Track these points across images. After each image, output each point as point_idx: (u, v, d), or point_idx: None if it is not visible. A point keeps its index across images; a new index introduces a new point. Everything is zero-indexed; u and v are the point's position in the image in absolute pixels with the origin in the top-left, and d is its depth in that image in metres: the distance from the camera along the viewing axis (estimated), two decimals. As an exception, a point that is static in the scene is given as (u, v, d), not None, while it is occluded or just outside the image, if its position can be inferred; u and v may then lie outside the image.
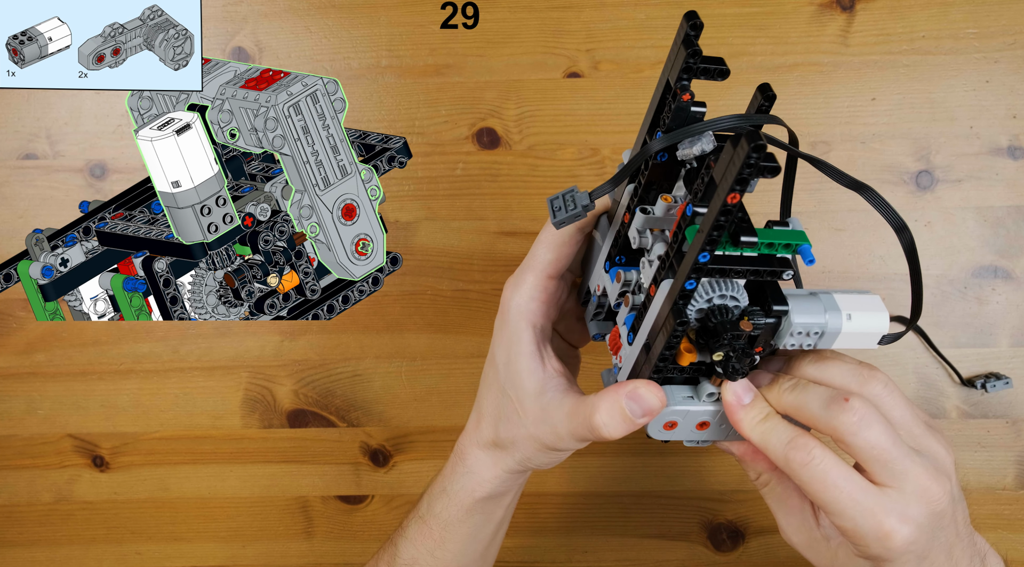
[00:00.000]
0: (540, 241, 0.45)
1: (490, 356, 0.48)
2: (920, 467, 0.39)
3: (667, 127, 0.39)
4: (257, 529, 0.72)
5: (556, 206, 0.41)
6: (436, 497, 0.50)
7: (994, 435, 0.67)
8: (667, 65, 0.39)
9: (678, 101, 0.38)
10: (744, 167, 0.32)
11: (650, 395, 0.41)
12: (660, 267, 0.39)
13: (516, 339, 0.45)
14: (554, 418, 0.44)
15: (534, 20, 0.67)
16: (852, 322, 0.40)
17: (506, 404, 0.46)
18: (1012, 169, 0.66)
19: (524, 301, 0.45)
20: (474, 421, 0.49)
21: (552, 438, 0.45)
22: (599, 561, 0.71)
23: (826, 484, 0.39)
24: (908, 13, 0.65)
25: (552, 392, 0.45)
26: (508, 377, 0.46)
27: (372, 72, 0.68)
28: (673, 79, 0.38)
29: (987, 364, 0.67)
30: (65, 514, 0.72)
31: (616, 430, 0.42)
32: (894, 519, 0.39)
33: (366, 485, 0.71)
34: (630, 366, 0.43)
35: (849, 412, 0.39)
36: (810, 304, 0.40)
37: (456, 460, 0.50)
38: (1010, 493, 0.67)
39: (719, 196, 0.34)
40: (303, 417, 0.70)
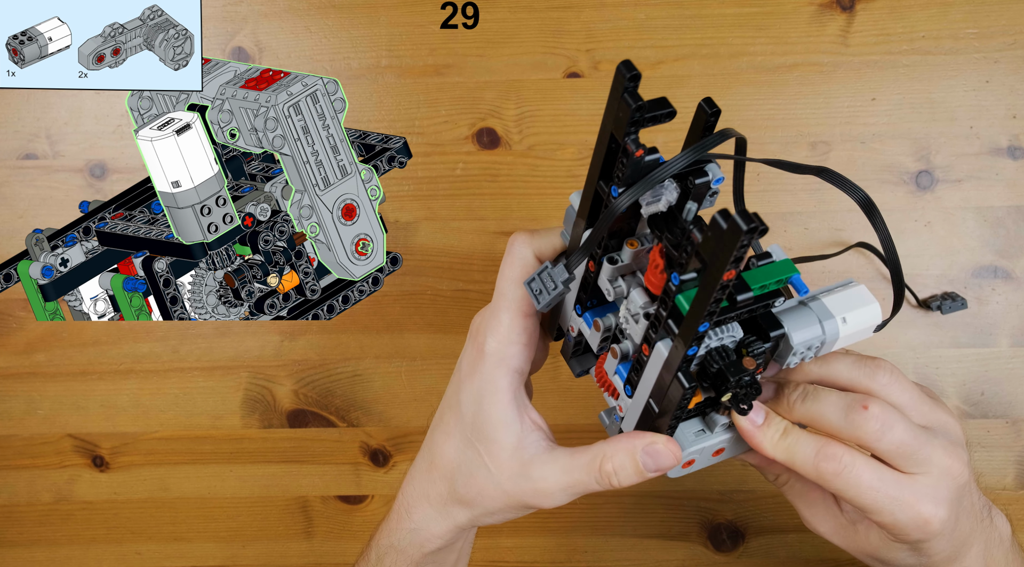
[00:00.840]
0: (506, 277, 0.42)
1: (452, 402, 0.45)
2: (941, 449, 0.40)
3: (625, 180, 0.36)
4: (257, 529, 0.72)
5: (536, 289, 0.39)
6: (384, 551, 0.48)
7: (994, 435, 0.67)
8: (608, 118, 0.35)
9: (631, 157, 0.35)
10: (740, 248, 0.31)
11: (667, 453, 0.40)
12: (651, 328, 0.38)
13: (492, 389, 0.42)
14: (541, 474, 0.42)
15: (534, 20, 0.67)
16: (848, 325, 0.40)
17: (471, 456, 0.44)
18: (1012, 169, 0.66)
19: (502, 346, 0.42)
20: (423, 469, 0.46)
21: (533, 495, 0.42)
22: (599, 561, 0.71)
23: (860, 488, 0.40)
24: (908, 13, 0.65)
25: (533, 448, 0.42)
26: (477, 428, 0.43)
27: (372, 72, 0.68)
28: (620, 135, 0.35)
29: (987, 364, 0.67)
30: (65, 514, 0.72)
31: (626, 480, 0.41)
32: (929, 505, 0.40)
33: (366, 485, 0.71)
34: (635, 418, 0.42)
35: (872, 420, 0.40)
36: (804, 318, 0.39)
37: (402, 513, 0.47)
38: (1010, 493, 0.67)
39: (713, 275, 0.32)
40: (303, 417, 0.70)
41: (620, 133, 0.35)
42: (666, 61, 0.66)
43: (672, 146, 0.45)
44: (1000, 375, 0.67)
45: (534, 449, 0.42)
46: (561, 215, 0.68)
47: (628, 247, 0.39)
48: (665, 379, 0.38)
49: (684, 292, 0.35)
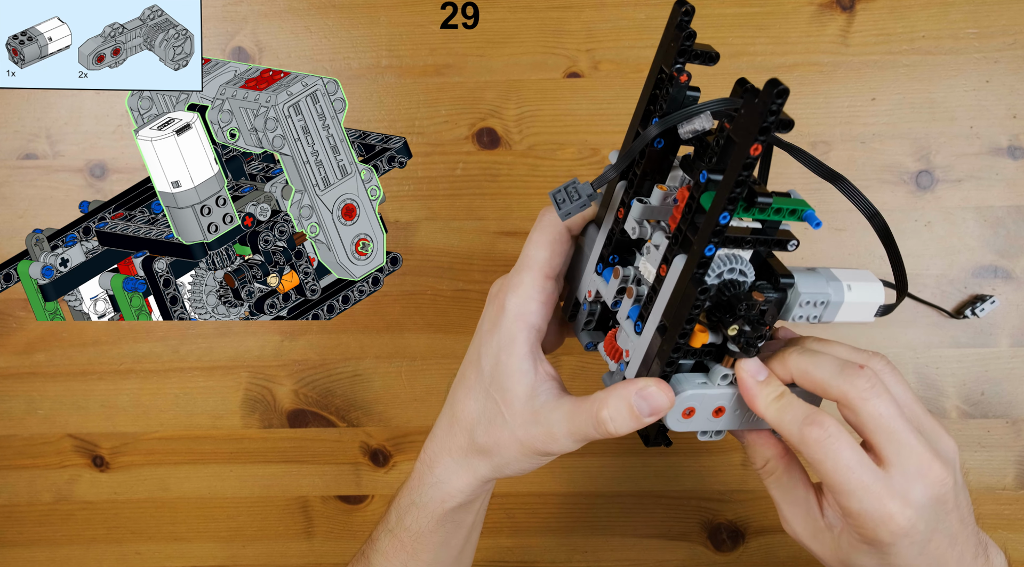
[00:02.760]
0: (533, 241, 0.45)
1: (473, 358, 0.47)
2: (922, 445, 0.40)
3: (664, 113, 0.40)
4: (257, 529, 0.72)
5: (560, 199, 0.41)
6: (405, 510, 0.49)
7: (994, 435, 0.67)
8: (659, 52, 0.39)
9: (675, 83, 0.39)
10: (768, 114, 0.33)
11: (660, 394, 0.41)
12: (671, 245, 0.40)
13: (510, 340, 0.45)
14: (549, 419, 0.44)
15: (534, 20, 0.67)
16: (852, 292, 0.41)
17: (489, 407, 0.46)
18: (1012, 169, 0.66)
19: (522, 302, 0.45)
20: (445, 425, 0.48)
21: (544, 440, 0.44)
22: (599, 561, 0.71)
23: (838, 463, 0.40)
24: (908, 13, 0.65)
25: (545, 395, 0.45)
26: (495, 379, 0.45)
27: (372, 72, 0.68)
28: (668, 64, 0.39)
29: (987, 364, 0.67)
30: (65, 514, 0.72)
31: (622, 426, 0.42)
32: (897, 501, 0.39)
33: (366, 485, 0.71)
34: (640, 357, 0.43)
35: (863, 377, 0.40)
36: (813, 277, 0.41)
37: (424, 469, 0.49)
38: (1010, 493, 0.67)
39: (741, 149, 0.35)
40: (303, 417, 0.70)
41: (669, 62, 0.39)
42: (666, 61, 0.67)
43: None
44: (1000, 375, 0.67)
45: (545, 397, 0.44)
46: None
47: (658, 189, 0.42)
48: (679, 291, 0.39)
49: (709, 191, 0.38)
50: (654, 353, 0.42)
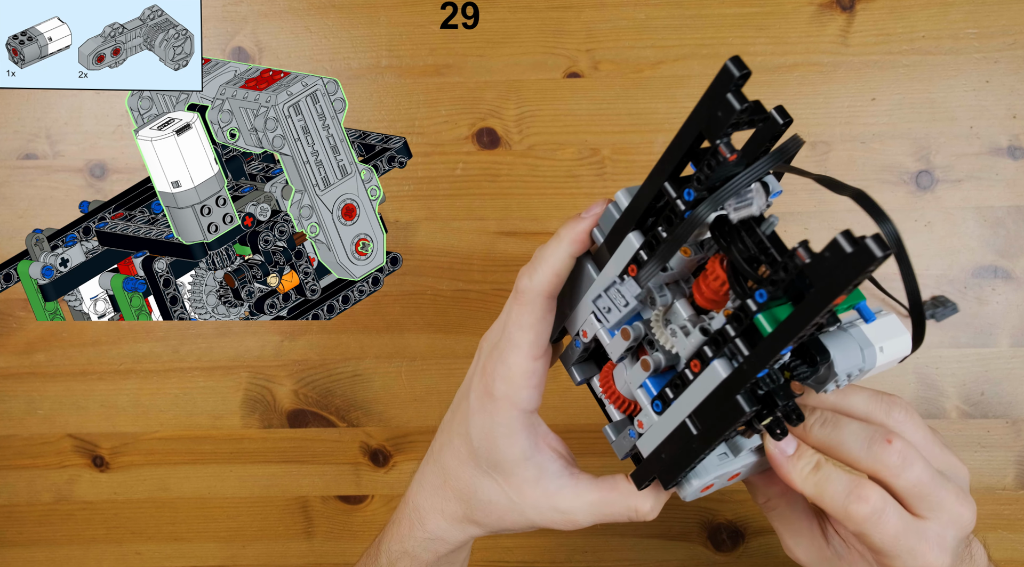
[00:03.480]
0: (515, 320, 0.42)
1: (460, 428, 0.45)
2: (952, 495, 0.40)
3: (706, 184, 0.35)
4: (257, 529, 0.72)
5: (604, 307, 0.38)
6: (397, 557, 0.48)
7: (994, 435, 0.67)
8: (699, 115, 0.34)
9: (720, 162, 0.34)
10: (863, 272, 0.30)
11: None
12: (710, 344, 0.36)
13: (506, 432, 0.42)
14: (569, 506, 0.43)
15: (534, 20, 0.67)
16: (884, 354, 0.39)
17: (489, 486, 0.44)
18: (1012, 169, 0.66)
19: (513, 390, 0.42)
20: (436, 483, 0.46)
21: (561, 523, 0.43)
22: (599, 561, 0.71)
23: (885, 535, 0.39)
24: (908, 13, 0.65)
25: (556, 479, 0.43)
26: (496, 464, 0.43)
27: (372, 72, 0.68)
28: (713, 136, 0.33)
29: (987, 364, 0.67)
30: (65, 514, 0.72)
31: (659, 511, 0.43)
32: (936, 552, 0.39)
33: (366, 485, 0.71)
34: (661, 437, 0.40)
35: (894, 454, 0.39)
36: (846, 345, 0.38)
37: (415, 522, 0.47)
38: (1010, 493, 0.67)
39: (823, 298, 0.31)
40: (303, 417, 0.70)
41: (714, 134, 0.33)
42: (666, 61, 0.66)
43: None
44: (1000, 375, 0.67)
45: (558, 480, 0.43)
46: (560, 215, 0.68)
47: (681, 254, 0.37)
48: (718, 400, 0.36)
49: (766, 311, 0.34)
50: (679, 446, 0.39)
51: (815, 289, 0.32)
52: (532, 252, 0.46)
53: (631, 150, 0.67)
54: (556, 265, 0.41)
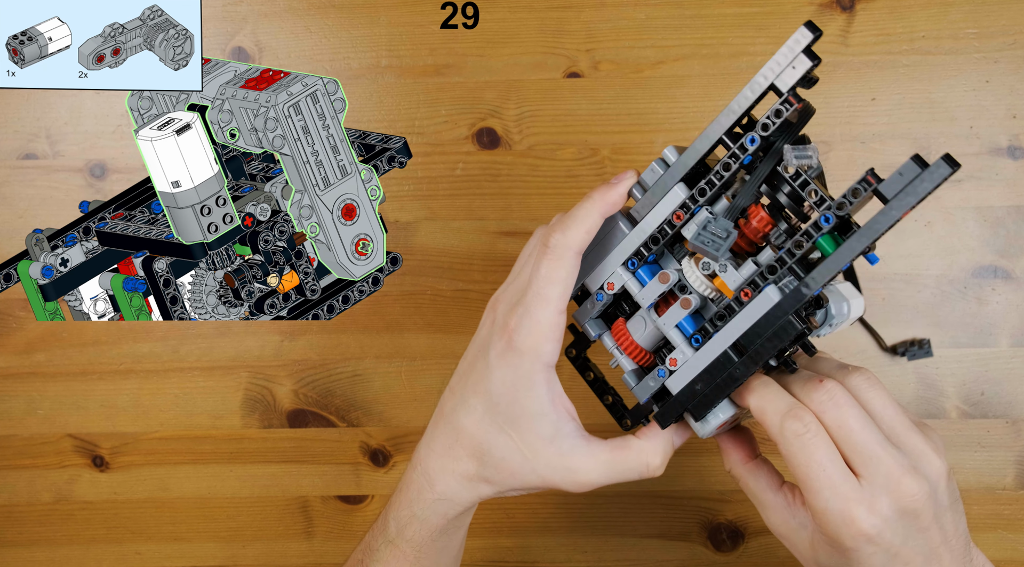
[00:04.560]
0: (544, 274, 0.43)
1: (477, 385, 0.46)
2: (893, 460, 0.40)
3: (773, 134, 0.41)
4: (257, 529, 0.72)
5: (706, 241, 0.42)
6: (406, 522, 0.48)
7: (994, 435, 0.67)
8: (773, 67, 0.41)
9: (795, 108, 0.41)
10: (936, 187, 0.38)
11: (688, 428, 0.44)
12: (763, 275, 0.41)
13: (528, 384, 0.43)
14: (581, 465, 0.44)
15: (534, 20, 0.67)
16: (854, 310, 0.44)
17: (504, 443, 0.45)
18: (1012, 169, 0.66)
19: (537, 342, 0.43)
20: (446, 443, 0.47)
21: (571, 483, 0.44)
22: (599, 561, 0.71)
23: (811, 459, 0.40)
24: (908, 13, 0.65)
25: (570, 439, 0.44)
26: (512, 418, 0.44)
27: (372, 72, 0.68)
28: (786, 86, 0.41)
29: (987, 364, 0.67)
30: (65, 514, 0.72)
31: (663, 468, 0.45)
32: (863, 508, 0.40)
33: (366, 485, 0.71)
34: (696, 372, 0.43)
35: (821, 390, 0.41)
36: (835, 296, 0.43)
37: (424, 484, 0.48)
38: (1010, 493, 0.67)
39: (894, 209, 0.38)
40: (303, 417, 0.70)
41: (787, 85, 0.41)
42: (666, 61, 0.66)
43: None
44: (1000, 375, 0.67)
45: (571, 440, 0.44)
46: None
47: (726, 201, 0.43)
48: (767, 323, 0.41)
49: (826, 237, 0.40)
50: (719, 375, 0.43)
51: (890, 203, 0.38)
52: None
53: (631, 150, 0.67)
54: (588, 223, 0.43)
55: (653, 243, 0.44)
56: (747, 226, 0.42)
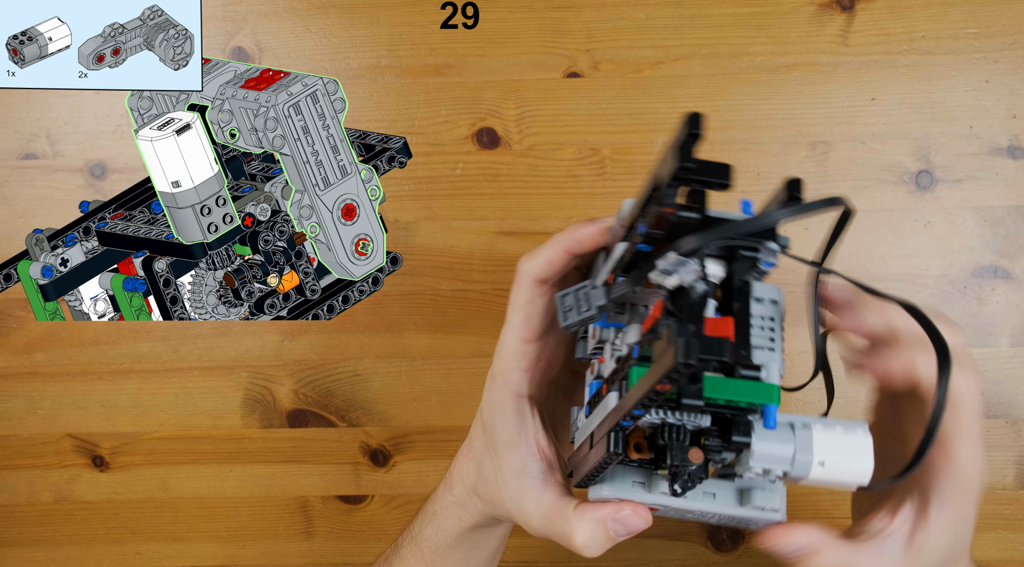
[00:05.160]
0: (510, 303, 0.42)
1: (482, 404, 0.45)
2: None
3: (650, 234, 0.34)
4: (257, 529, 0.72)
5: (567, 305, 0.36)
6: (427, 519, 0.49)
7: (994, 435, 0.67)
8: (660, 165, 0.32)
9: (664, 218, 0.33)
10: (670, 376, 0.28)
11: (637, 519, 0.39)
12: (612, 377, 0.36)
13: (499, 410, 0.42)
14: (527, 509, 0.42)
15: (534, 20, 0.67)
16: (824, 469, 0.34)
17: (488, 462, 0.45)
18: (1012, 169, 0.66)
19: (505, 370, 0.42)
20: (464, 452, 0.47)
21: (522, 522, 0.43)
22: (599, 561, 0.71)
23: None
24: (908, 13, 0.65)
25: (531, 478, 0.42)
26: (492, 442, 0.44)
27: (372, 72, 0.68)
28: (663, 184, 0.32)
29: (987, 364, 0.67)
30: (65, 514, 0.72)
31: (597, 550, 0.40)
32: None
33: (366, 485, 0.71)
34: (582, 437, 0.40)
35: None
36: (780, 441, 0.34)
37: (447, 486, 0.48)
38: (1010, 493, 0.67)
39: (650, 377, 0.30)
40: (303, 417, 0.70)
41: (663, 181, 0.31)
42: (666, 61, 0.66)
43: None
44: (1000, 375, 0.67)
45: (531, 481, 0.42)
46: (561, 214, 0.68)
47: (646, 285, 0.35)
48: (602, 430, 0.35)
49: (637, 367, 0.33)
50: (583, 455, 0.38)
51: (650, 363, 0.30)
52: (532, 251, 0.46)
53: (631, 150, 0.67)
54: (549, 253, 0.40)
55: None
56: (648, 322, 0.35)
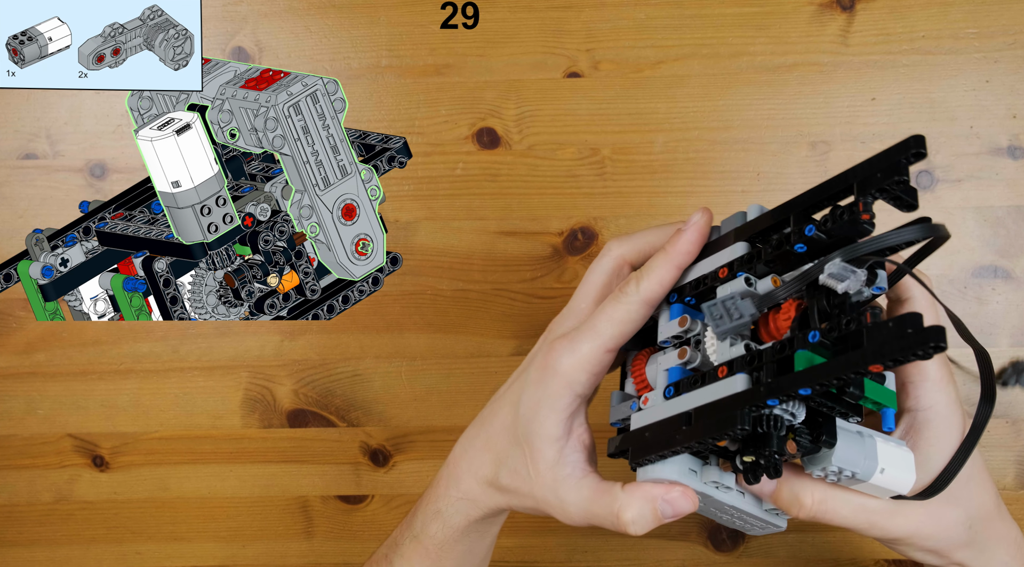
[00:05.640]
0: (606, 313, 0.43)
1: (512, 395, 0.46)
2: None
3: (829, 230, 0.37)
4: (257, 529, 0.72)
5: (717, 314, 0.39)
6: (431, 518, 0.49)
7: (994, 435, 0.67)
8: (861, 168, 0.37)
9: (855, 215, 0.36)
10: (911, 354, 0.32)
11: (685, 501, 0.41)
12: (744, 359, 0.38)
13: (551, 404, 0.43)
14: (567, 497, 0.43)
15: (534, 20, 0.67)
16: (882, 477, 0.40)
17: (516, 454, 0.45)
18: (1012, 169, 0.66)
19: (575, 370, 0.43)
20: (478, 446, 0.48)
21: (557, 512, 0.44)
22: (599, 561, 0.71)
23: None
24: (908, 13, 0.65)
25: (570, 467, 0.44)
26: (527, 433, 0.44)
27: (372, 72, 0.68)
28: (862, 190, 0.36)
29: (987, 364, 0.67)
30: (65, 514, 0.72)
31: (644, 529, 0.42)
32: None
33: (366, 485, 0.71)
34: (652, 419, 0.42)
35: None
36: (854, 446, 0.39)
37: (451, 481, 0.48)
38: (1010, 493, 0.67)
39: (864, 359, 0.33)
40: (303, 417, 0.70)
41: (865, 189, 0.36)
42: (666, 61, 0.66)
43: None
44: (1000, 375, 0.67)
45: (570, 469, 0.44)
46: (561, 214, 0.68)
47: (771, 282, 0.39)
48: (723, 408, 0.38)
49: (807, 352, 0.36)
50: (666, 431, 0.41)
51: (863, 349, 0.33)
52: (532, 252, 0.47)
53: (631, 150, 0.67)
54: (662, 274, 0.43)
55: (693, 287, 0.43)
56: (773, 318, 0.39)
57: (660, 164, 0.67)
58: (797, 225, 0.38)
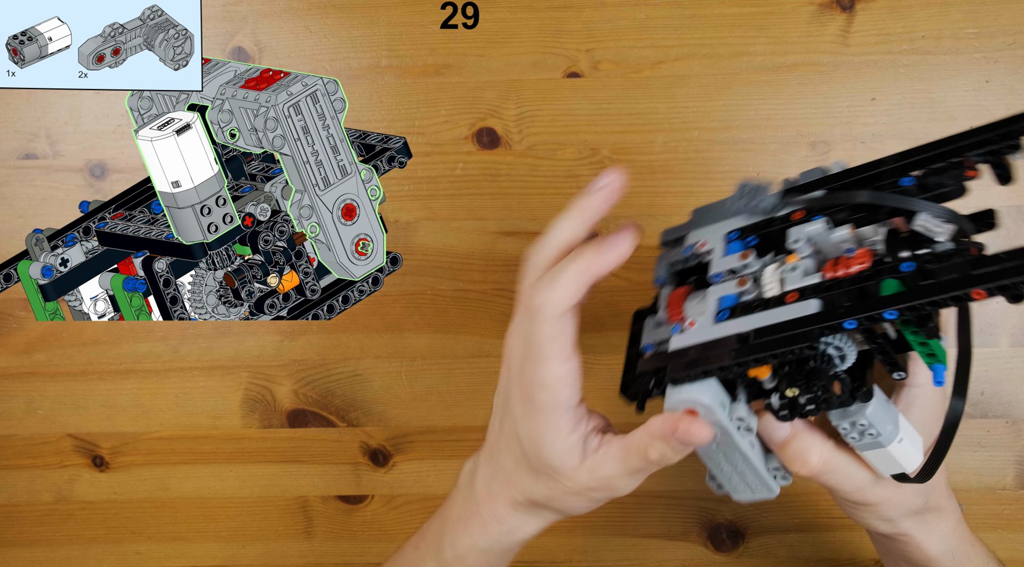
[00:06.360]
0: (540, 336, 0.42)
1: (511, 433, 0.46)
2: None
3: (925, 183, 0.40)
4: (257, 529, 0.72)
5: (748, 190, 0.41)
6: (466, 551, 0.48)
7: (994, 435, 0.67)
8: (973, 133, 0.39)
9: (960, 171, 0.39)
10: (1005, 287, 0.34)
11: (700, 432, 0.41)
12: (819, 286, 0.39)
13: (551, 433, 0.43)
14: (605, 473, 0.44)
15: (534, 20, 0.67)
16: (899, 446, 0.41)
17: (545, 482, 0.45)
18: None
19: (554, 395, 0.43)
20: (501, 484, 0.47)
21: (608, 491, 0.45)
22: (599, 561, 0.71)
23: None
24: (908, 13, 0.65)
25: (593, 452, 0.44)
26: (543, 464, 0.44)
27: (372, 72, 0.68)
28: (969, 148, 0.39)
29: (987, 364, 0.67)
30: (65, 514, 0.72)
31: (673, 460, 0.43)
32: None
33: (366, 485, 0.71)
34: (698, 340, 0.42)
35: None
36: (885, 409, 0.41)
37: (490, 519, 0.48)
38: (1010, 493, 0.67)
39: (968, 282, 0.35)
40: (303, 417, 0.70)
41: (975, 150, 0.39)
42: (666, 61, 0.66)
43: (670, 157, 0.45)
44: (1000, 375, 0.67)
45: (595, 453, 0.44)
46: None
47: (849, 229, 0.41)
48: (790, 327, 0.38)
49: (894, 280, 0.37)
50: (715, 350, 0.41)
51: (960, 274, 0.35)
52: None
53: (631, 150, 0.67)
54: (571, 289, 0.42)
55: (761, 228, 0.43)
56: (845, 261, 0.40)
57: (660, 164, 0.67)
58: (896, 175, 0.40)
